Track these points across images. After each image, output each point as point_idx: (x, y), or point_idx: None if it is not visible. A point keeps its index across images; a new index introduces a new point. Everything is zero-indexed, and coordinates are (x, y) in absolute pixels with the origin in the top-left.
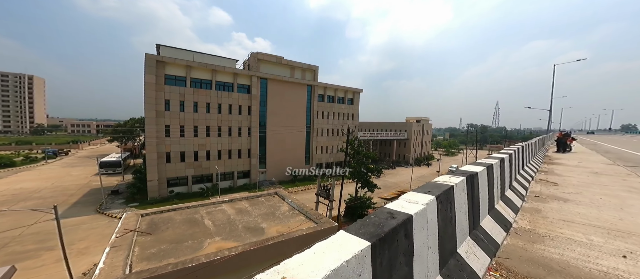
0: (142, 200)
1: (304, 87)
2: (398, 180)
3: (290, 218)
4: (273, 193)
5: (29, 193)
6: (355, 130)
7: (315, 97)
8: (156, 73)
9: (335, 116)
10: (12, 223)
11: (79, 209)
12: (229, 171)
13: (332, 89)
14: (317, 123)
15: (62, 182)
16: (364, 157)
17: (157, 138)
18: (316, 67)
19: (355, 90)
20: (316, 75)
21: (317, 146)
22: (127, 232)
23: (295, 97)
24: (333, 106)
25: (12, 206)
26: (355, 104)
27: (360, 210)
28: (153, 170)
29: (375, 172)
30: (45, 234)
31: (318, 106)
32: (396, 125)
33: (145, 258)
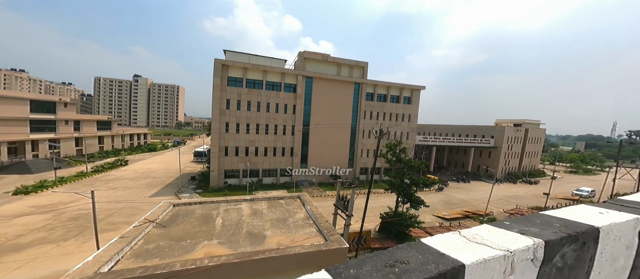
0: (206, 188)
1: (350, 85)
2: (470, 197)
3: (299, 228)
4: (296, 196)
5: (151, 172)
6: (386, 131)
7: (363, 95)
8: (221, 75)
9: (386, 116)
10: (127, 196)
11: (167, 190)
12: (273, 168)
13: (384, 87)
14: (364, 124)
15: (170, 166)
16: (406, 167)
17: (219, 134)
18: (365, 63)
19: (414, 88)
20: (365, 72)
21: (363, 149)
22: (146, 222)
23: (341, 95)
24: (384, 105)
25: (136, 182)
26: (413, 103)
27: (399, 227)
28: (215, 162)
29: (423, 186)
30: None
31: (366, 105)
32: (477, 130)
33: (135, 255)
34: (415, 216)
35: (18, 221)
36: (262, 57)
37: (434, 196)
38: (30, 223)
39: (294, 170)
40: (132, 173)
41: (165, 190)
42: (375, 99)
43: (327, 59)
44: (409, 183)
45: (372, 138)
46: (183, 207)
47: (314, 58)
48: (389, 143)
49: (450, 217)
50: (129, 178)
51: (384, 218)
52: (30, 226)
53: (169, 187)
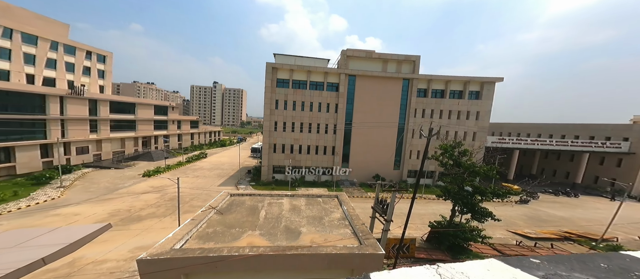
0: (258, 181)
1: (398, 81)
2: (575, 216)
3: (334, 228)
4: (334, 196)
5: (221, 164)
6: (437, 130)
7: (413, 91)
8: (271, 77)
9: (444, 114)
10: (204, 183)
11: (230, 180)
12: (315, 166)
13: (441, 81)
14: (415, 123)
15: (234, 160)
16: (467, 172)
17: (269, 132)
18: (416, 57)
19: (485, 80)
20: (416, 66)
21: (413, 150)
22: (210, 209)
23: (387, 92)
24: (442, 102)
25: (211, 173)
26: (484, 99)
27: (455, 239)
28: (265, 158)
29: (494, 196)
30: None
31: (417, 102)
32: (594, 129)
33: (199, 237)
34: (480, 229)
35: (142, 197)
36: (306, 58)
37: (513, 209)
38: (148, 200)
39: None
40: (209, 165)
41: (229, 181)
42: (429, 95)
43: (371, 56)
44: (470, 191)
45: (424, 138)
46: (237, 197)
47: (357, 55)
48: (444, 145)
49: (536, 236)
50: (206, 169)
51: (433, 227)
52: (148, 202)
53: (231, 178)
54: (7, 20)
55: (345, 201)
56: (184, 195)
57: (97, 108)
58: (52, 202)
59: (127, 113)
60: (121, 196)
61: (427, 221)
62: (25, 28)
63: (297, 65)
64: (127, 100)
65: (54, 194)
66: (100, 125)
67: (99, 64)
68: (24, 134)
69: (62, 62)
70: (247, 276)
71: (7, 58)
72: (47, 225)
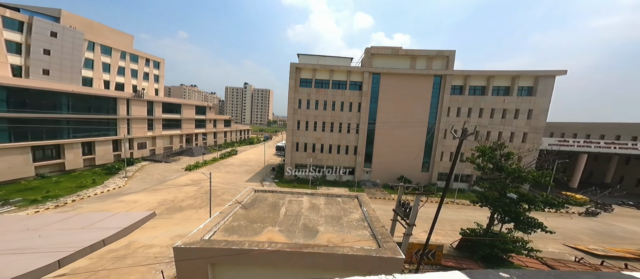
0: (281, 179)
1: (428, 79)
2: None
3: (352, 229)
4: (354, 196)
5: (249, 161)
6: (473, 130)
7: (446, 89)
8: (295, 77)
9: (485, 113)
10: (233, 179)
11: (256, 177)
12: (336, 166)
13: (482, 77)
14: (448, 123)
15: (260, 157)
16: (511, 177)
17: (292, 131)
18: (450, 52)
19: (540, 74)
20: (450, 62)
21: (444, 151)
22: (236, 203)
23: (415, 90)
24: (482, 100)
25: (240, 169)
26: (538, 95)
27: (492, 249)
28: (288, 156)
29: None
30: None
31: (451, 100)
32: None
33: (225, 229)
34: (525, 241)
35: (184, 189)
36: (329, 57)
37: (575, 222)
38: (188, 192)
39: (357, 169)
40: (238, 161)
41: (255, 177)
42: (466, 92)
43: (397, 53)
44: (515, 198)
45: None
46: (260, 193)
47: (382, 53)
48: (482, 147)
49: (604, 253)
50: (236, 165)
51: (465, 235)
52: (188, 194)
53: (257, 175)
54: (91, 34)
55: (365, 203)
56: (216, 189)
57: (153, 109)
58: (119, 190)
59: (174, 113)
60: (167, 188)
61: (458, 228)
62: (103, 41)
63: (320, 64)
64: (174, 101)
65: (121, 183)
66: (155, 123)
67: (154, 70)
68: (101, 131)
69: (129, 69)
70: (265, 269)
71: (90, 67)
72: (113, 209)
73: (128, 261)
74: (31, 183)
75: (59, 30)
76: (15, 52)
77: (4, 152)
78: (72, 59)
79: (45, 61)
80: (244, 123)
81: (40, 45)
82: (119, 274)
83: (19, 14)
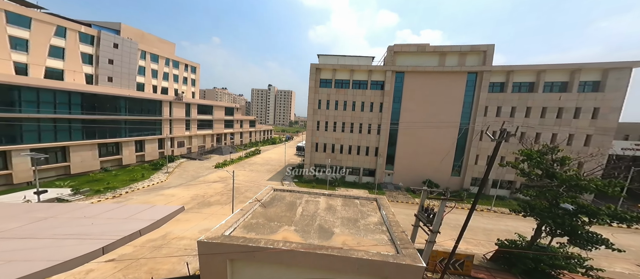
0: (300, 178)
1: (461, 76)
2: None
3: (369, 233)
4: (373, 198)
5: (271, 160)
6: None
7: (482, 86)
8: (315, 78)
9: (535, 113)
10: (256, 177)
11: (276, 176)
12: (356, 167)
13: (530, 72)
14: (485, 123)
15: (281, 157)
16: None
17: (311, 131)
18: (488, 46)
19: (610, 67)
20: (488, 57)
21: (480, 154)
22: (256, 201)
23: (445, 89)
24: (530, 97)
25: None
26: (608, 90)
27: (537, 264)
28: (307, 156)
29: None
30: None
31: (489, 99)
32: None
33: (244, 226)
34: (583, 257)
35: (213, 185)
36: (350, 56)
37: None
38: (216, 188)
39: (378, 171)
40: (261, 160)
41: (276, 176)
42: (508, 90)
43: (424, 50)
44: (570, 209)
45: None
46: (279, 193)
47: (406, 50)
48: (527, 150)
49: None
50: (259, 164)
51: (503, 247)
52: (216, 190)
53: (278, 174)
54: (143, 44)
55: (384, 206)
56: (240, 187)
57: (190, 110)
58: (160, 184)
59: (207, 114)
60: (199, 184)
61: (494, 239)
62: (152, 49)
63: (340, 64)
64: (207, 103)
65: (163, 178)
66: (191, 124)
67: (191, 74)
68: (149, 131)
69: (171, 74)
70: (279, 268)
71: (142, 74)
72: (155, 202)
73: (163, 251)
74: (97, 175)
75: (120, 41)
76: (88, 62)
77: (78, 148)
78: (129, 67)
79: (109, 69)
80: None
81: (106, 55)
82: (154, 262)
83: (91, 29)
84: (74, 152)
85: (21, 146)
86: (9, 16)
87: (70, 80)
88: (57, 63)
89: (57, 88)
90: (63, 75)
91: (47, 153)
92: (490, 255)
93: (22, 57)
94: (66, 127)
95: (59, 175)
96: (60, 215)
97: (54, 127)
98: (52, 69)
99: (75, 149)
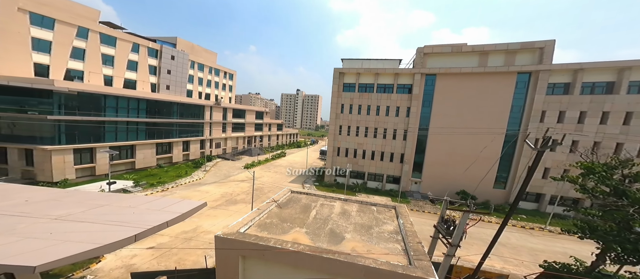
0: (321, 182)
1: (508, 77)
2: None
3: (382, 241)
4: (391, 206)
5: (294, 163)
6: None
7: (538, 88)
8: (338, 82)
9: (615, 117)
10: (279, 178)
11: (298, 179)
12: (379, 173)
13: (609, 70)
14: (541, 129)
15: (304, 160)
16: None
17: (334, 135)
18: (545, 43)
19: None
20: (546, 55)
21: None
22: (272, 202)
23: (486, 92)
24: (608, 99)
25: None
26: None
27: None
28: (329, 161)
29: None
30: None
31: (548, 102)
32: None
33: (258, 225)
34: None
35: (241, 185)
36: (374, 60)
37: None
38: (243, 188)
39: (403, 178)
40: (285, 163)
41: (297, 179)
42: (575, 91)
43: (460, 50)
44: None
45: (559, 152)
46: (296, 195)
47: (438, 51)
48: (586, 163)
49: None
50: (283, 166)
51: (551, 269)
52: (243, 189)
53: (300, 177)
54: (192, 55)
55: (403, 215)
56: (264, 187)
57: (226, 114)
58: (198, 181)
59: (240, 117)
60: (229, 182)
61: (541, 260)
62: (199, 59)
63: (364, 68)
64: (241, 107)
65: (201, 175)
66: (227, 126)
67: (229, 81)
68: (194, 133)
69: (213, 81)
70: (287, 268)
71: (191, 82)
72: (192, 197)
73: (192, 243)
74: (153, 171)
75: (176, 54)
76: (152, 73)
77: (142, 147)
78: (181, 76)
79: (167, 79)
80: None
81: (166, 66)
82: (184, 253)
83: (156, 43)
84: (139, 150)
85: (103, 144)
86: (102, 37)
87: (140, 89)
88: (132, 74)
89: (130, 96)
90: (135, 85)
91: (120, 150)
92: (533, 278)
93: (109, 70)
94: (134, 129)
95: (126, 169)
96: (113, 203)
97: (126, 129)
98: (128, 80)
99: (139, 147)
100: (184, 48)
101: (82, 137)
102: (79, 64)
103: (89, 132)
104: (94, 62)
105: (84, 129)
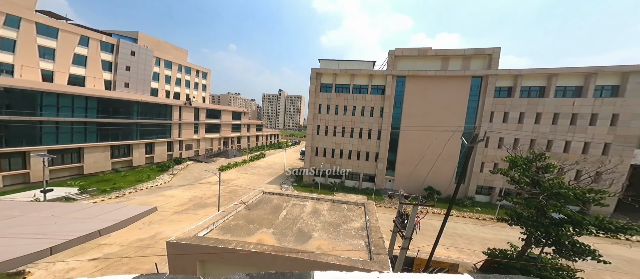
0: (300, 183)
1: (464, 80)
2: None
3: (348, 238)
4: (361, 204)
5: (274, 164)
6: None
7: (488, 91)
8: (315, 83)
9: (546, 118)
10: (257, 180)
11: (276, 180)
12: (356, 172)
13: (540, 77)
14: (491, 129)
15: (284, 160)
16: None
17: (311, 136)
18: (494, 49)
19: (629, 70)
20: (494, 61)
21: (486, 161)
22: (240, 203)
23: (448, 94)
24: (540, 102)
25: (264, 171)
26: (628, 96)
27: (527, 274)
28: (307, 161)
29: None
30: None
31: (496, 104)
32: None
33: (221, 228)
34: (572, 269)
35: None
36: (350, 61)
37: None
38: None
39: (377, 177)
40: (264, 164)
41: (276, 180)
42: (515, 95)
43: (425, 54)
44: (557, 218)
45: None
46: (268, 195)
47: (407, 54)
48: (511, 157)
49: None
50: (262, 168)
51: (492, 256)
52: (214, 192)
53: (278, 178)
54: (158, 51)
55: (370, 211)
56: (238, 189)
57: (199, 115)
58: (164, 185)
59: (215, 118)
60: (199, 185)
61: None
62: (166, 56)
63: (340, 69)
64: (215, 108)
65: (167, 179)
66: (200, 127)
67: (202, 80)
68: (159, 134)
69: (183, 80)
70: (251, 270)
71: (157, 80)
72: (153, 202)
73: (148, 251)
74: (106, 176)
75: (136, 49)
76: (107, 69)
77: (92, 150)
78: (144, 73)
79: (126, 76)
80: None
81: (124, 62)
82: (136, 262)
83: (111, 38)
84: (88, 153)
85: (39, 148)
86: (39, 27)
87: (90, 86)
88: (79, 70)
89: (76, 93)
90: (84, 82)
91: (63, 154)
92: (480, 265)
93: (49, 65)
94: (82, 130)
95: (72, 175)
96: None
97: (71, 130)
98: (75, 76)
99: (89, 151)
100: (147, 44)
101: (11, 139)
102: (8, 57)
103: (21, 134)
104: (27, 54)
105: (14, 131)
